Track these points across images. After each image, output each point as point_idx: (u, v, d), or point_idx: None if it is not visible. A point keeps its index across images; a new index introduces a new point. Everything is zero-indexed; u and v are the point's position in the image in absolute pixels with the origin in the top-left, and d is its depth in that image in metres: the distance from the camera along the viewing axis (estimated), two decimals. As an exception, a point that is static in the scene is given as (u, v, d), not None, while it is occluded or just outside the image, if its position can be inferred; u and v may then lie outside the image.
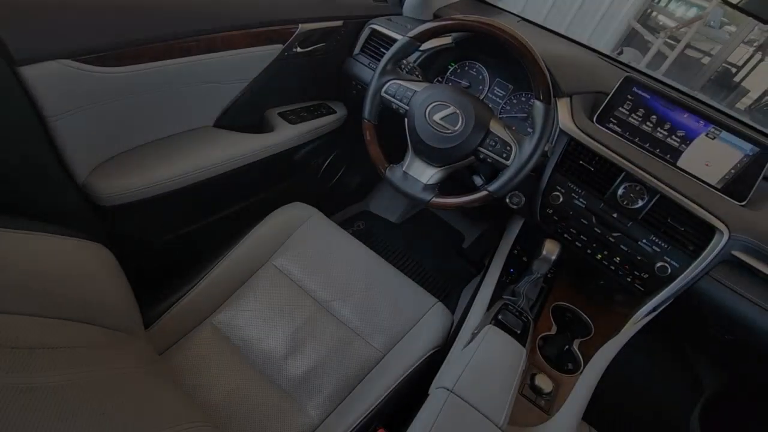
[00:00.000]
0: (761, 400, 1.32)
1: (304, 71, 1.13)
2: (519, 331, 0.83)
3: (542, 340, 0.90)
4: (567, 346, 0.90)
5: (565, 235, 0.98)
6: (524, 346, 0.80)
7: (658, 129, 0.98)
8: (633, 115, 1.00)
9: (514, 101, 1.12)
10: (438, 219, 1.79)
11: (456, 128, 0.84)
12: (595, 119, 1.00)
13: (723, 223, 0.83)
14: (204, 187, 0.96)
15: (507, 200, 1.04)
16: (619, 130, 1.00)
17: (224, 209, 1.14)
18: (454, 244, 1.72)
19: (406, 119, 0.90)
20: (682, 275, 0.87)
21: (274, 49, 0.96)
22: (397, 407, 0.83)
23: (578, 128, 0.93)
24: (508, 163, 0.83)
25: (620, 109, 1.00)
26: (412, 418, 0.64)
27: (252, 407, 0.77)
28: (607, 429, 1.33)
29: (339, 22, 1.08)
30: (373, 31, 1.15)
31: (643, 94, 0.99)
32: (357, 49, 1.19)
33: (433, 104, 0.85)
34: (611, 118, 1.00)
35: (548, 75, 0.79)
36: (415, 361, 0.85)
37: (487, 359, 0.71)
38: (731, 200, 0.92)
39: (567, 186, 0.96)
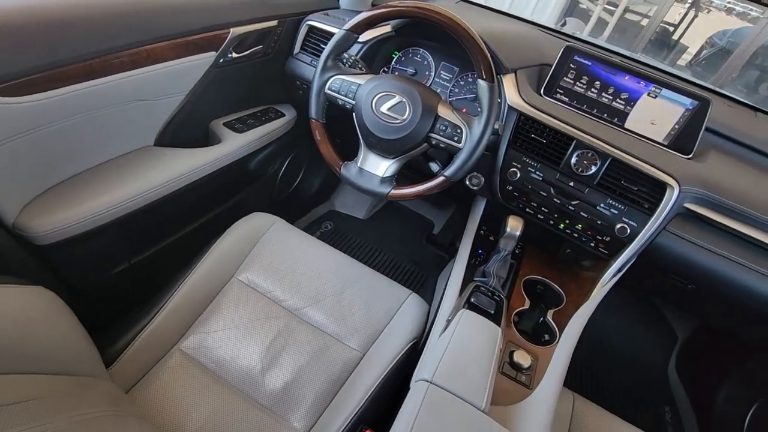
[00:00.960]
0: (729, 342, 1.39)
1: (245, 77, 1.09)
2: (492, 311, 0.83)
3: (517, 316, 0.91)
4: (542, 318, 0.91)
5: (527, 210, 0.99)
6: (499, 325, 0.81)
7: (603, 94, 1.00)
8: (578, 83, 1.01)
9: (462, 83, 1.12)
10: (406, 209, 1.79)
11: (404, 117, 0.82)
12: (542, 91, 1.01)
13: (672, 178, 0.86)
14: (152, 211, 0.91)
15: (467, 182, 1.04)
16: (566, 99, 1.02)
17: (180, 230, 1.09)
18: (425, 232, 1.72)
19: (353, 114, 0.88)
20: (641, 233, 0.89)
21: (208, 58, 0.91)
22: (382, 405, 0.82)
23: (526, 102, 0.94)
24: (460, 145, 0.83)
25: (565, 78, 1.01)
26: (397, 414, 0.63)
27: (233, 430, 0.74)
28: (589, 392, 1.37)
29: (274, 22, 1.04)
30: (311, 27, 1.12)
31: (584, 61, 1.00)
32: (297, 48, 1.15)
33: (379, 95, 0.84)
34: (557, 89, 1.01)
35: (488, 53, 0.79)
36: (395, 356, 0.85)
37: (464, 344, 0.71)
38: (679, 155, 0.95)
39: (522, 161, 0.96)
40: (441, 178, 0.85)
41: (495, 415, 0.69)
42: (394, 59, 1.14)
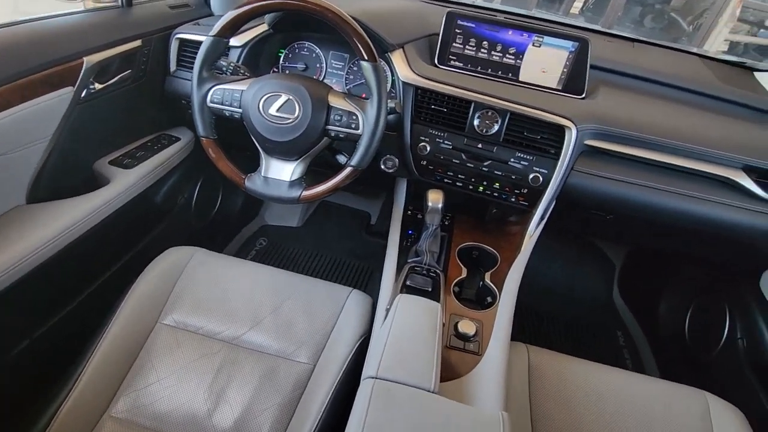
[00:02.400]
0: (659, 258, 1.50)
1: (120, 107, 1.00)
2: (430, 289, 0.82)
3: (457, 286, 0.91)
4: (481, 283, 0.92)
5: (446, 180, 0.99)
6: (438, 300, 0.80)
7: (492, 53, 1.01)
8: (467, 46, 1.02)
9: (355, 68, 1.09)
10: (339, 206, 1.75)
11: (295, 115, 0.78)
12: (436, 61, 1.01)
13: (568, 119, 0.89)
14: (41, 277, 0.81)
15: (382, 166, 1.02)
16: (460, 64, 1.02)
17: (85, 289, 0.99)
18: (363, 225, 1.70)
19: (244, 122, 0.83)
20: (553, 178, 0.92)
21: (65, 94, 0.82)
22: (341, 411, 0.79)
23: (419, 75, 0.93)
24: (359, 132, 0.80)
25: (454, 44, 1.02)
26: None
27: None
28: (545, 339, 1.42)
29: (137, 43, 0.95)
30: (182, 41, 1.04)
31: (468, 24, 1.01)
32: (173, 66, 1.07)
33: (264, 98, 0.79)
34: (450, 56, 1.02)
35: (364, 33, 0.77)
36: (346, 358, 0.82)
37: (404, 330, 0.70)
38: (573, 96, 0.99)
39: (430, 134, 0.96)
40: (348, 169, 0.82)
41: (447, 390, 0.68)
42: (282, 57, 1.09)
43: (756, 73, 1.17)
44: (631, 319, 1.53)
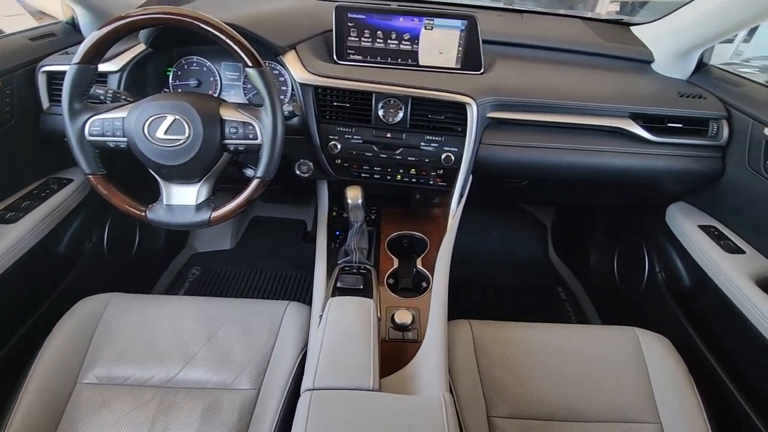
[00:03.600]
0: (582, 212, 1.59)
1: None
2: (361, 286, 0.81)
3: (391, 278, 0.91)
4: (414, 270, 0.92)
5: (363, 175, 0.98)
6: (371, 296, 0.79)
7: (388, 41, 1.01)
8: (363, 39, 1.01)
9: (251, 76, 1.05)
10: (272, 219, 1.70)
11: (186, 135, 0.74)
12: (335, 57, 0.99)
13: (467, 96, 0.91)
14: None
15: (297, 171, 1.00)
16: (360, 57, 1.02)
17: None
18: (299, 234, 1.66)
19: (132, 151, 0.76)
20: (464, 155, 0.94)
21: None
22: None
23: (315, 75, 0.91)
24: (259, 142, 0.77)
25: (350, 38, 1.01)
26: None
27: None
28: (494, 309, 1.47)
29: (-6, 82, 0.85)
30: (50, 73, 0.95)
31: (359, 16, 1.00)
32: (45, 102, 0.97)
33: (148, 122, 0.73)
34: (348, 50, 1.01)
35: (242, 39, 0.73)
36: (289, 375, 0.79)
37: (338, 333, 0.68)
38: (472, 73, 1.01)
39: (337, 131, 0.94)
40: (256, 181, 0.79)
41: (390, 384, 0.68)
42: (171, 76, 1.03)
43: (632, 28, 1.26)
44: (568, 273, 1.62)
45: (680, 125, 1.00)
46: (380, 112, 0.92)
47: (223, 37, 0.71)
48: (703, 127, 1.01)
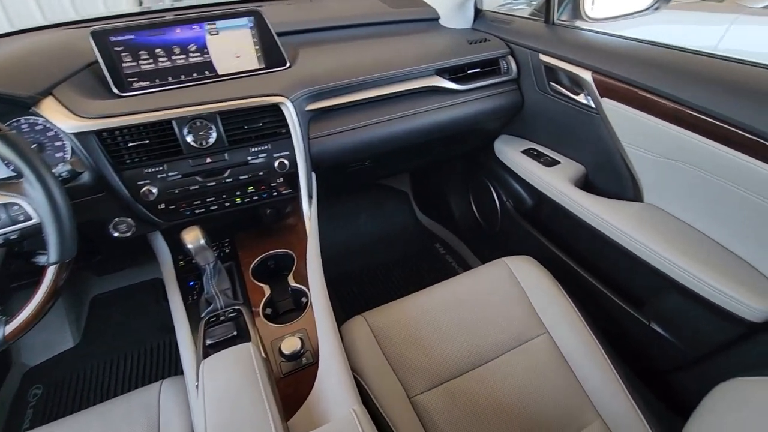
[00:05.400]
0: (434, 171, 1.67)
1: None
2: (235, 332, 0.72)
3: (268, 307, 0.83)
4: (290, 288, 0.86)
5: (197, 212, 0.87)
6: (249, 339, 0.71)
7: (173, 57, 0.89)
8: (141, 61, 0.87)
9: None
10: (117, 291, 1.44)
11: None
12: (116, 90, 0.84)
13: (278, 95, 0.85)
14: None
15: (116, 234, 0.84)
16: (147, 83, 0.88)
17: None
18: (156, 295, 1.44)
19: None
20: (298, 156, 0.89)
21: None
22: None
23: (88, 118, 0.75)
24: (36, 221, 0.61)
25: (126, 64, 0.86)
26: None
27: None
28: (388, 292, 1.48)
29: None
30: None
31: (125, 37, 0.85)
32: None
33: None
34: (129, 79, 0.86)
35: None
36: None
37: (221, 397, 0.59)
38: (279, 70, 0.95)
39: (146, 174, 0.81)
40: (52, 269, 0.63)
41: (297, 425, 0.62)
42: None
43: (414, -9, 1.34)
44: (439, 228, 1.72)
45: (478, 69, 1.09)
46: (189, 139, 0.81)
47: None
48: (496, 66, 1.13)
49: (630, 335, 0.97)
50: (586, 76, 0.93)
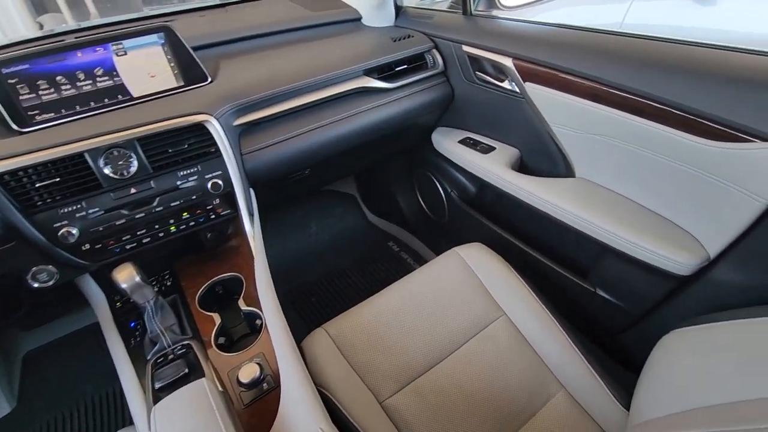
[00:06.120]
0: (378, 169, 1.67)
1: None
2: (186, 370, 0.68)
3: (222, 336, 0.79)
4: (242, 313, 0.82)
5: (128, 247, 0.81)
6: (203, 374, 0.67)
7: (79, 84, 0.82)
8: (42, 92, 0.79)
9: None
10: (52, 343, 1.31)
11: None
12: (15, 127, 0.75)
13: (201, 113, 0.81)
14: None
15: (36, 286, 0.76)
16: (51, 115, 0.80)
17: None
18: (96, 341, 1.33)
19: None
20: (232, 175, 0.85)
21: None
22: None
23: None
24: None
25: (23, 97, 0.77)
26: None
27: None
28: (344, 300, 1.45)
29: None
30: None
31: (19, 67, 0.77)
32: None
33: None
34: (29, 113, 0.77)
35: None
36: None
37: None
38: (200, 86, 0.90)
39: (62, 215, 0.73)
40: None
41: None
42: None
43: (333, -7, 1.32)
44: (390, 226, 1.73)
45: (405, 66, 1.10)
46: (107, 171, 0.75)
47: None
48: (423, 61, 1.14)
49: (580, 304, 1.02)
50: (508, 63, 0.97)
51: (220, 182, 0.83)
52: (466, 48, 1.06)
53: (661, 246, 0.79)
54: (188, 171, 0.82)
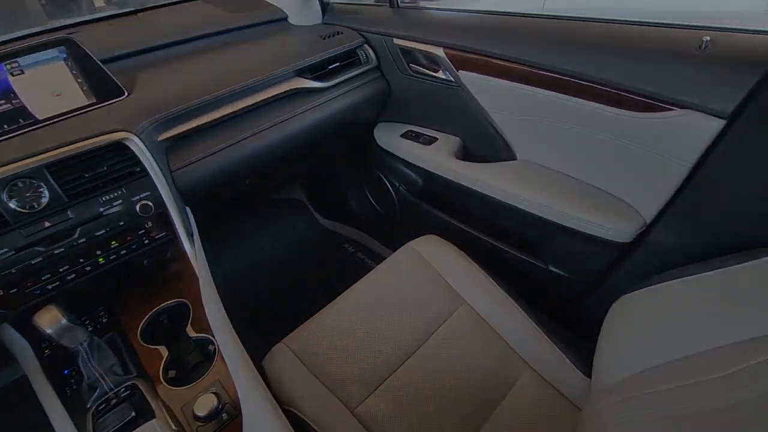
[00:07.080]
0: (324, 173, 1.63)
1: None
2: (134, 413, 0.61)
3: (170, 369, 0.72)
4: (191, 341, 0.76)
5: (49, 288, 0.72)
6: (153, 414, 0.61)
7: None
8: None
9: None
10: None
11: None
12: None
13: (118, 131, 0.74)
14: None
15: None
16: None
17: None
18: (24, 403, 1.20)
19: None
20: (162, 195, 0.78)
21: None
22: None
23: None
24: None
25: None
26: None
27: None
28: (305, 310, 1.38)
29: None
30: None
31: None
32: None
33: None
34: None
35: None
36: None
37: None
38: (116, 101, 0.82)
39: None
40: None
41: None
42: None
43: (254, -8, 1.26)
44: (343, 228, 1.70)
45: (338, 63, 1.07)
46: (12, 205, 0.66)
47: None
48: (355, 57, 1.12)
49: (535, 282, 1.05)
50: (439, 52, 0.97)
51: (150, 203, 0.76)
52: (396, 41, 1.05)
53: (601, 217, 0.82)
54: (112, 195, 0.74)
